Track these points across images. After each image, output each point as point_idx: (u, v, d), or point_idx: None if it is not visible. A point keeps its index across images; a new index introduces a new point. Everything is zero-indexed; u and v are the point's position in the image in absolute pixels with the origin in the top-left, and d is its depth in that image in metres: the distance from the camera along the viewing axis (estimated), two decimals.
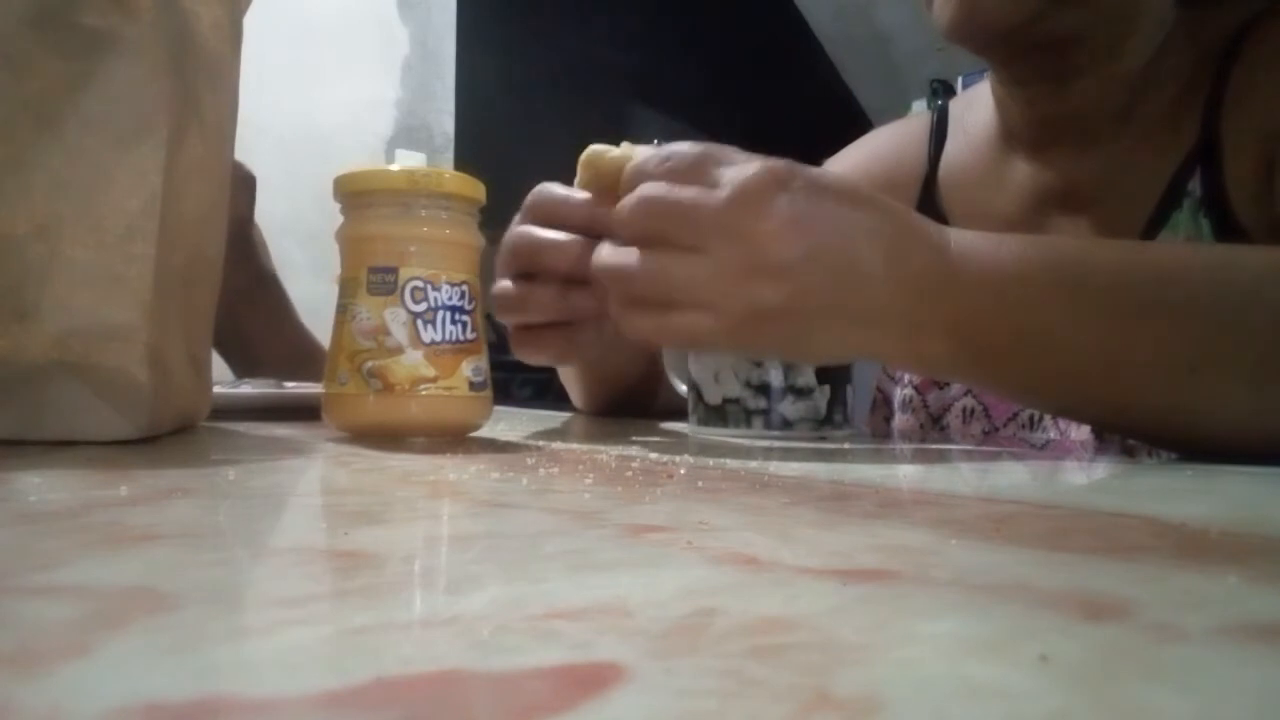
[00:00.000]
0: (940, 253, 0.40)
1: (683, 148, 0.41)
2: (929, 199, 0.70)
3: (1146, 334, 0.39)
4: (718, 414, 0.52)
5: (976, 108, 0.69)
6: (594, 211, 0.45)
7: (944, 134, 0.72)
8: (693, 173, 0.40)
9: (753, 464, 0.35)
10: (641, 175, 0.42)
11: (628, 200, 0.41)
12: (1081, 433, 0.59)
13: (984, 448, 0.48)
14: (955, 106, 0.74)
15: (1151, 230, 0.56)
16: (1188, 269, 0.40)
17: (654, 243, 0.40)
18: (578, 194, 0.46)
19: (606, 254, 0.42)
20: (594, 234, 0.44)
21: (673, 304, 0.40)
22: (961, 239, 0.41)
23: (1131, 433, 0.43)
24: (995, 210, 0.65)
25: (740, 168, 0.39)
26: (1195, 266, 0.40)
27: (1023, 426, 0.64)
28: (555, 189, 0.47)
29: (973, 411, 0.67)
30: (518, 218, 0.48)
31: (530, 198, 0.48)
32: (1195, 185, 0.55)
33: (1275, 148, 0.51)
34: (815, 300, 0.39)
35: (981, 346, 0.40)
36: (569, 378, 0.70)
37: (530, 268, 0.47)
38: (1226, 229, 0.53)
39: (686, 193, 0.39)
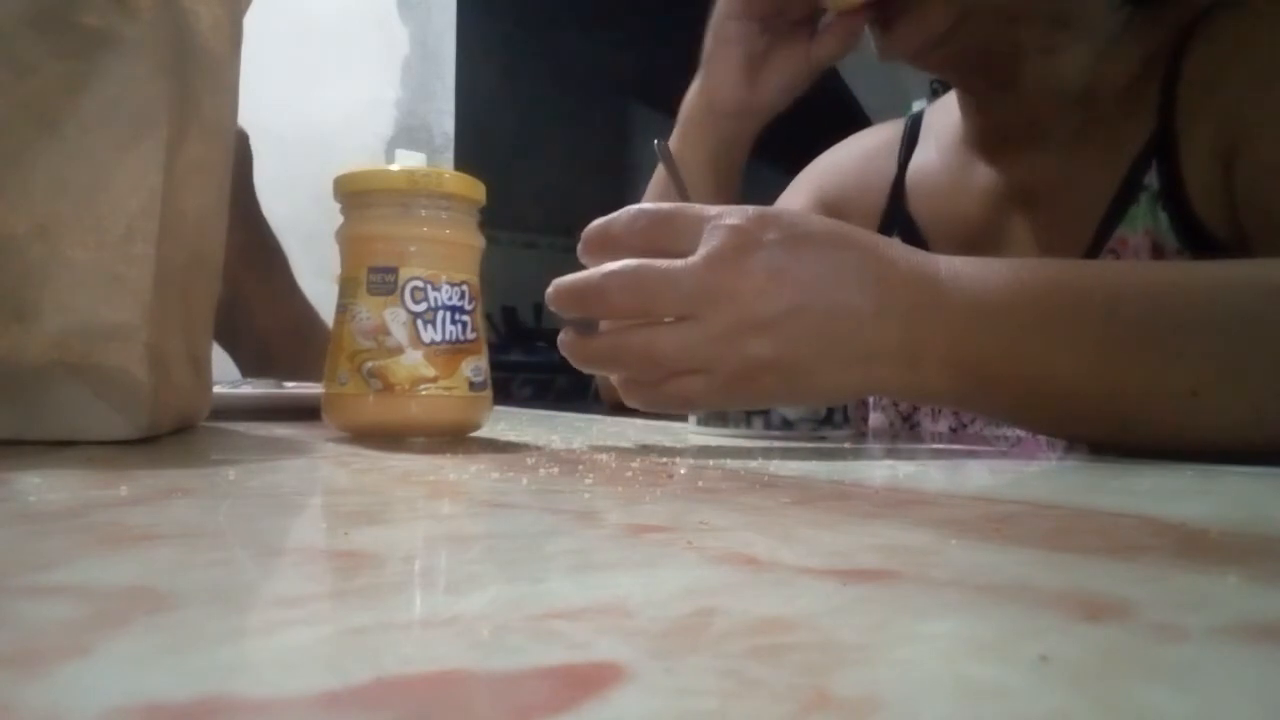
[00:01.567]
0: (929, 283, 0.40)
1: (649, 209, 0.41)
2: (897, 202, 0.71)
3: (1146, 358, 0.38)
4: (718, 414, 0.52)
5: (947, 113, 0.70)
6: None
7: (915, 139, 0.73)
8: (663, 235, 0.40)
9: (753, 464, 0.35)
10: (607, 239, 0.41)
11: (600, 277, 0.39)
12: None
13: (983, 448, 0.48)
14: (930, 114, 0.75)
15: (1109, 225, 0.56)
16: (1185, 290, 0.39)
17: (636, 318, 0.40)
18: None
19: (589, 344, 0.41)
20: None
21: (672, 371, 0.40)
22: (951, 266, 0.41)
23: (1135, 452, 0.43)
24: (960, 212, 0.66)
25: (712, 227, 0.39)
26: (1193, 287, 0.39)
27: (988, 423, 0.65)
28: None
29: (940, 409, 0.68)
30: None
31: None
32: (1152, 179, 0.55)
33: (1232, 142, 0.51)
34: (806, 348, 0.39)
35: (979, 375, 0.40)
36: None
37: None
38: (1185, 222, 0.53)
39: (661, 265, 0.38)
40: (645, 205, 0.41)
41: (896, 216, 0.70)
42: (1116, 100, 0.57)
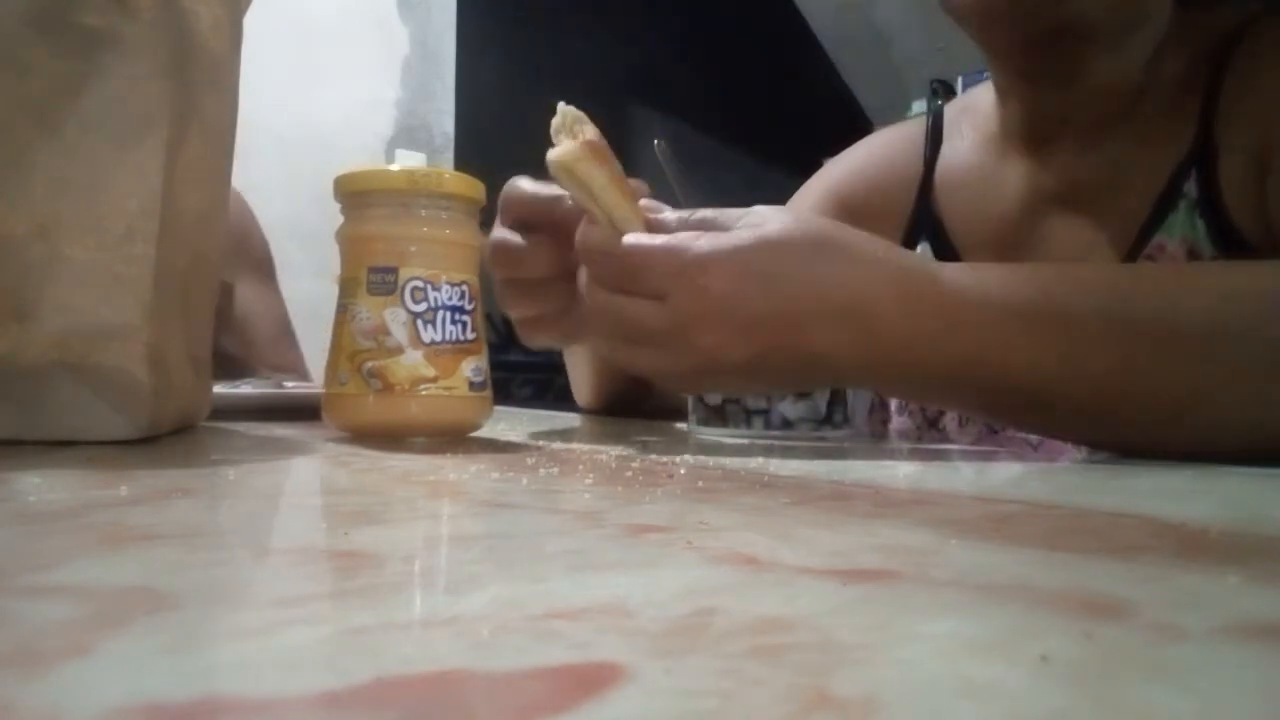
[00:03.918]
0: (925, 297, 0.39)
1: (616, 261, 0.41)
2: (924, 202, 0.70)
3: (1144, 368, 0.38)
4: (718, 414, 0.52)
5: (973, 111, 0.69)
6: (563, 210, 0.45)
7: (939, 137, 0.72)
8: (636, 284, 0.41)
9: (753, 464, 0.35)
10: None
11: (589, 305, 0.42)
12: None
13: (982, 447, 0.48)
14: (951, 110, 0.73)
15: (1148, 231, 0.56)
16: (1182, 298, 0.39)
17: (621, 285, 0.41)
18: (544, 192, 0.46)
19: (580, 283, 0.43)
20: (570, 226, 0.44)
21: (637, 340, 0.41)
22: (946, 274, 0.40)
23: (1131, 454, 0.43)
24: (992, 211, 0.65)
25: (682, 282, 0.39)
26: (1191, 291, 0.39)
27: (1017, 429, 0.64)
28: (523, 187, 0.47)
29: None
30: (500, 214, 0.49)
31: (502, 199, 0.48)
32: (1191, 187, 0.54)
33: (1269, 152, 0.51)
34: (768, 383, 0.41)
35: (972, 385, 0.40)
36: (575, 369, 0.70)
37: (516, 273, 0.48)
38: (1222, 231, 0.53)
39: (631, 311, 0.40)
40: (616, 252, 0.41)
41: (923, 217, 0.69)
42: (1161, 104, 0.57)
